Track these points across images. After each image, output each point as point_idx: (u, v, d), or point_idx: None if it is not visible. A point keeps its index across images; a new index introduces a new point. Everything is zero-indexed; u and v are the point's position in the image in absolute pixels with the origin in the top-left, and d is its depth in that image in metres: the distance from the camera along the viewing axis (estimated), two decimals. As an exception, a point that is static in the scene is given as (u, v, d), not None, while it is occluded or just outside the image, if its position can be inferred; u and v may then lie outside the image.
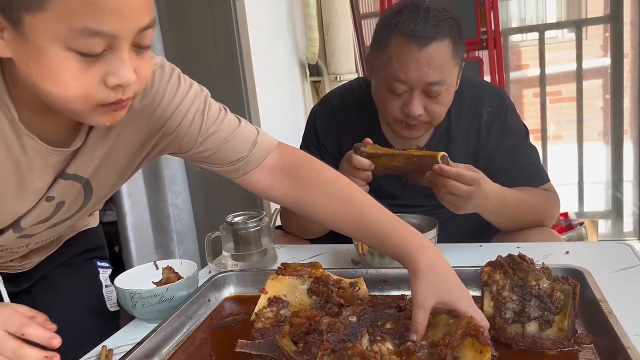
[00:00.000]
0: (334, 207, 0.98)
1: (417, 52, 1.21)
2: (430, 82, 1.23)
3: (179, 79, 0.97)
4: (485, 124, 1.41)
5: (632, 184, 3.33)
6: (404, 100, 1.27)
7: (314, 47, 2.77)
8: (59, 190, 0.95)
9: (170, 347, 0.97)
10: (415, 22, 1.21)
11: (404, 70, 1.23)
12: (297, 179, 1.01)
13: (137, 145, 0.97)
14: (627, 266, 1.11)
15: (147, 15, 0.72)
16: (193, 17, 2.17)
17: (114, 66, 0.71)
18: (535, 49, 3.50)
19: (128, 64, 0.71)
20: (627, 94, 3.27)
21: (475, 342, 0.73)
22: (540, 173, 1.42)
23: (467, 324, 0.75)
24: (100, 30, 0.67)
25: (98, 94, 0.72)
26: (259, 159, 1.02)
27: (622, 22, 3.17)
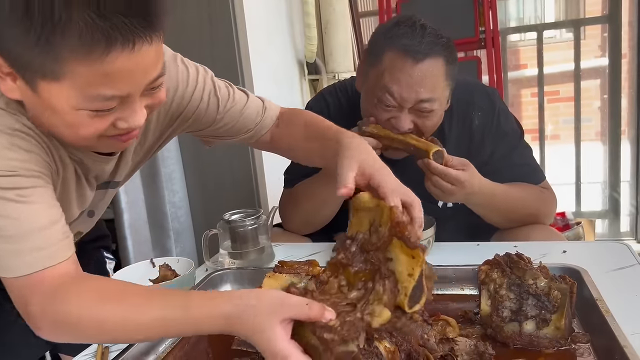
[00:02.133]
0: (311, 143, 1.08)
1: (410, 68, 1.21)
2: (421, 99, 1.22)
3: (185, 66, 1.02)
4: (477, 128, 1.40)
5: (629, 184, 3.33)
6: (392, 113, 1.26)
7: (312, 46, 2.77)
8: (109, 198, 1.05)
9: (166, 345, 0.97)
10: (412, 37, 1.21)
11: (396, 84, 1.22)
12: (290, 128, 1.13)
13: (158, 135, 1.04)
14: (624, 265, 1.12)
15: (157, 68, 0.76)
16: (191, 15, 2.17)
17: (125, 114, 0.76)
18: (533, 49, 3.50)
19: (139, 111, 0.77)
20: (624, 94, 3.27)
21: (404, 246, 0.70)
22: (535, 172, 1.42)
23: (390, 220, 0.71)
24: (114, 95, 0.72)
25: (107, 132, 0.77)
26: (269, 124, 1.14)
27: (620, 23, 3.17)
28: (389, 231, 0.71)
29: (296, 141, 1.12)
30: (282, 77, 2.65)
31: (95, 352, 0.97)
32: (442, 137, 1.39)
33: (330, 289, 0.75)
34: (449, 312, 0.93)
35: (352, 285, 0.74)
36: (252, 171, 2.27)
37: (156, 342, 0.95)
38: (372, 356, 0.72)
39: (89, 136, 0.77)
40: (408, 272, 0.70)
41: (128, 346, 0.90)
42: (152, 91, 0.79)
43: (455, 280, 1.09)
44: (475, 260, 1.01)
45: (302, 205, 1.44)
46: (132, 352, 0.89)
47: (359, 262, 0.74)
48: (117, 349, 0.95)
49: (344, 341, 0.67)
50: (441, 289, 1.09)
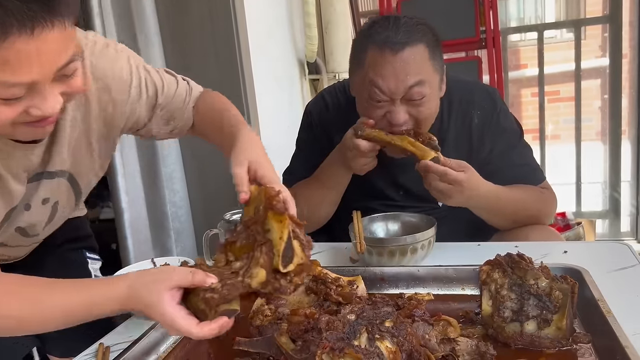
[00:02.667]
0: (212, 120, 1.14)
1: (391, 59, 1.21)
2: (409, 85, 1.22)
3: (116, 51, 1.03)
4: (477, 127, 1.40)
5: (629, 184, 3.34)
6: (386, 108, 1.26)
7: (312, 45, 2.76)
8: (48, 190, 1.01)
9: (167, 344, 0.97)
10: (387, 30, 1.22)
11: (381, 79, 1.22)
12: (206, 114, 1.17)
13: (98, 125, 1.03)
14: (625, 266, 1.11)
15: (64, 54, 0.76)
16: (192, 16, 2.17)
17: (35, 101, 0.76)
18: (534, 49, 3.50)
19: (50, 98, 0.77)
20: (625, 94, 3.27)
21: (275, 214, 0.79)
22: (535, 172, 1.42)
23: (264, 196, 0.81)
24: (18, 82, 0.72)
25: (21, 119, 0.77)
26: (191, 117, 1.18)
27: (620, 23, 3.17)
28: (264, 206, 0.81)
29: (209, 130, 1.16)
30: (282, 76, 2.65)
31: (96, 352, 0.97)
32: (442, 136, 1.39)
33: (218, 262, 0.83)
34: (450, 312, 0.93)
35: (238, 258, 0.82)
36: (252, 171, 2.27)
37: (157, 341, 0.95)
38: (374, 356, 0.72)
39: (1, 123, 0.76)
40: (279, 236, 0.78)
41: (129, 346, 0.90)
42: (65, 78, 0.79)
43: (457, 281, 1.09)
44: (476, 260, 1.00)
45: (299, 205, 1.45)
46: (134, 352, 0.89)
47: (243, 238, 0.83)
48: (118, 349, 0.95)
49: (226, 300, 0.76)
50: (442, 289, 1.09)
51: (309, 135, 1.53)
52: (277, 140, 2.29)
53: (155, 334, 0.95)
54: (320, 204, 1.44)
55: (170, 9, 2.18)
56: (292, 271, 0.79)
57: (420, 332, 0.83)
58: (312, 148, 1.51)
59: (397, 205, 1.41)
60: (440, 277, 1.09)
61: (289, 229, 0.79)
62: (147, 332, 0.94)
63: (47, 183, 1.00)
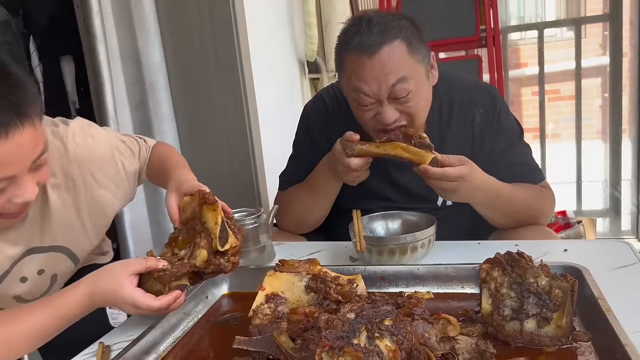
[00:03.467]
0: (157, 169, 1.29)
1: (368, 62, 1.20)
2: (391, 84, 1.21)
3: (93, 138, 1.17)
4: (479, 126, 1.40)
5: (630, 183, 3.33)
6: (375, 110, 1.26)
7: (312, 45, 2.76)
8: (43, 262, 1.13)
9: (167, 343, 0.97)
10: (360, 34, 1.21)
11: (363, 83, 1.22)
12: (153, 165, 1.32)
13: (88, 204, 1.16)
14: (625, 264, 1.11)
15: (36, 148, 0.90)
16: (191, 15, 2.16)
17: (17, 192, 0.90)
18: (534, 47, 3.50)
19: (28, 185, 0.90)
20: (625, 92, 3.27)
21: (208, 206, 0.98)
22: (535, 172, 1.42)
23: (198, 195, 1.00)
24: (1, 178, 0.86)
25: (4, 208, 0.91)
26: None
27: (621, 21, 3.17)
28: (199, 203, 1.00)
29: (155, 176, 1.30)
30: (282, 76, 2.65)
31: (96, 351, 0.97)
32: (442, 136, 1.39)
33: (165, 255, 1.01)
34: (450, 311, 0.93)
35: (181, 249, 0.99)
36: (252, 170, 2.27)
37: (157, 341, 0.95)
38: (373, 355, 0.72)
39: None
40: (214, 222, 0.97)
41: (129, 345, 0.90)
42: (39, 168, 0.93)
43: (456, 279, 1.08)
44: (476, 258, 1.00)
45: (293, 208, 1.46)
46: (133, 351, 0.89)
47: (184, 234, 1.00)
48: (118, 348, 0.95)
49: (176, 277, 0.93)
50: (442, 288, 1.09)
51: (306, 138, 1.53)
52: (277, 139, 2.29)
53: (155, 333, 0.95)
54: (311, 210, 1.45)
55: (170, 8, 2.18)
56: (228, 251, 0.97)
57: (420, 331, 0.83)
58: (307, 151, 1.51)
59: (397, 206, 1.41)
60: (440, 275, 1.09)
61: (222, 215, 0.97)
62: (146, 331, 0.94)
63: (39, 257, 1.11)
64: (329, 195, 1.41)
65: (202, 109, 2.24)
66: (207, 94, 2.21)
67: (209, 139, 2.26)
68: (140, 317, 1.09)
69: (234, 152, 2.25)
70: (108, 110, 2.02)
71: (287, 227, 1.52)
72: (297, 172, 1.50)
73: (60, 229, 1.12)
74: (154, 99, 2.18)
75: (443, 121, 1.40)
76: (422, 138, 1.19)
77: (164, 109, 2.20)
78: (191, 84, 2.23)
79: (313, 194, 1.42)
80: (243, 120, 2.20)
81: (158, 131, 2.20)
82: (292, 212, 1.47)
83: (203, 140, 2.26)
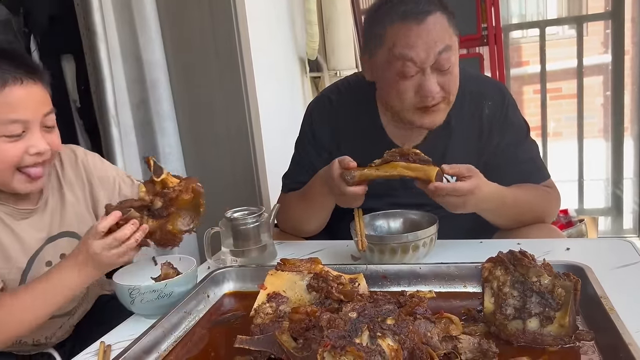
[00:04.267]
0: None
1: (417, 29, 1.22)
2: (439, 51, 1.22)
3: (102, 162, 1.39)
4: (487, 118, 1.40)
5: (632, 181, 3.33)
6: (416, 82, 1.25)
7: (314, 43, 2.75)
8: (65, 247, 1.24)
9: (169, 343, 0.97)
10: (405, 3, 1.23)
11: (411, 49, 1.22)
12: None
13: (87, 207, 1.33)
14: (628, 263, 1.11)
15: (47, 105, 1.14)
16: (192, 12, 2.16)
17: (32, 142, 1.11)
18: (535, 46, 3.49)
19: (41, 138, 1.12)
20: (627, 91, 3.26)
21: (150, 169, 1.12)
22: (540, 170, 1.42)
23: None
24: (17, 119, 1.08)
25: (24, 161, 1.11)
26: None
27: (623, 19, 3.16)
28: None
29: None
30: (283, 74, 2.64)
31: (97, 351, 0.97)
32: (449, 127, 1.39)
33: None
34: (452, 310, 0.93)
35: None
36: (253, 169, 2.26)
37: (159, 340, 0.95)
38: (375, 354, 0.72)
39: (10, 163, 1.09)
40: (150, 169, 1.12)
41: (130, 344, 0.90)
42: (48, 129, 1.14)
43: (459, 278, 1.08)
44: (479, 257, 1.00)
45: (292, 215, 1.46)
46: (134, 351, 0.89)
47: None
48: (119, 347, 0.94)
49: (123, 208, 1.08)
50: (444, 287, 1.08)
51: (308, 138, 1.52)
52: (278, 138, 2.29)
53: (156, 332, 0.95)
54: (308, 220, 1.45)
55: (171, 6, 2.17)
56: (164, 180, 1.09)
57: (422, 330, 0.82)
58: (311, 151, 1.50)
59: (400, 202, 1.40)
60: (442, 274, 1.09)
61: (153, 160, 1.12)
62: (148, 330, 0.94)
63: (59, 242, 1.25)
64: (324, 208, 1.40)
65: (203, 107, 2.24)
66: (208, 92, 2.21)
67: (210, 137, 2.25)
68: (140, 315, 1.09)
69: (234, 150, 2.24)
70: (109, 109, 2.01)
71: (287, 230, 1.52)
72: (299, 174, 1.50)
73: (75, 219, 1.29)
74: (155, 97, 2.17)
75: (452, 112, 1.39)
76: (418, 154, 1.16)
77: (165, 107, 2.19)
78: (192, 82, 2.22)
79: (309, 207, 1.41)
80: (244, 118, 2.19)
81: (159, 129, 2.19)
82: (290, 218, 1.48)
83: (204, 139, 2.26)
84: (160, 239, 1.13)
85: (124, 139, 2.08)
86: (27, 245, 1.20)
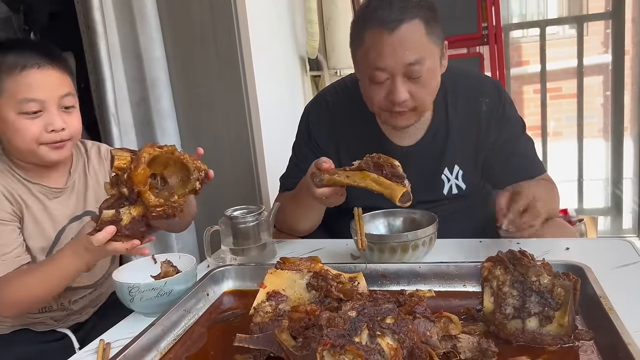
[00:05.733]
0: None
1: (388, 37, 1.21)
2: (408, 62, 1.21)
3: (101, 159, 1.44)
4: (485, 115, 1.40)
5: (631, 181, 3.33)
6: (387, 88, 1.26)
7: (314, 42, 2.75)
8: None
9: (168, 341, 0.97)
10: (382, 8, 1.22)
11: (380, 58, 1.22)
12: None
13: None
14: (627, 262, 1.11)
15: (64, 87, 1.23)
16: (192, 10, 2.16)
17: (49, 120, 1.20)
18: (536, 45, 3.49)
19: (57, 117, 1.20)
20: (627, 91, 3.26)
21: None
22: (537, 164, 1.44)
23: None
24: (34, 98, 1.18)
25: (43, 137, 1.20)
26: None
27: (623, 19, 3.15)
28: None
29: None
30: (283, 73, 2.64)
31: (97, 349, 0.97)
32: (447, 125, 1.39)
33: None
34: (452, 309, 0.93)
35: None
36: (253, 167, 2.26)
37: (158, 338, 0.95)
38: (375, 353, 0.72)
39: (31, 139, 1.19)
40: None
41: (129, 342, 0.90)
42: (66, 110, 1.23)
43: (458, 277, 1.08)
44: (478, 257, 1.00)
45: (286, 213, 1.46)
46: (134, 349, 0.89)
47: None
48: (119, 345, 0.94)
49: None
50: (444, 286, 1.08)
51: (305, 139, 1.53)
52: (278, 136, 2.28)
53: (156, 330, 0.95)
54: (299, 220, 1.46)
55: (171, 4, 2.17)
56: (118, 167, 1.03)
57: (421, 329, 0.82)
58: (308, 152, 1.50)
59: None
60: (441, 273, 1.09)
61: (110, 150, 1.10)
62: (147, 328, 0.94)
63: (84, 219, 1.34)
64: (313, 210, 1.41)
65: (203, 106, 2.24)
66: (208, 90, 2.21)
67: (210, 135, 2.25)
68: (140, 313, 1.09)
69: (235, 149, 2.24)
70: (109, 107, 2.01)
71: (283, 230, 1.53)
72: (296, 175, 1.50)
73: (95, 201, 1.36)
74: (155, 95, 2.17)
75: (449, 109, 1.40)
76: (394, 167, 1.13)
77: (165, 106, 2.19)
78: (192, 80, 2.22)
79: (298, 207, 1.42)
80: (244, 117, 2.19)
81: (159, 128, 2.19)
82: (284, 218, 1.48)
83: (204, 137, 2.26)
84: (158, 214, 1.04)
85: (124, 137, 2.08)
86: (56, 221, 1.30)
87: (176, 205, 1.06)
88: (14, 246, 1.21)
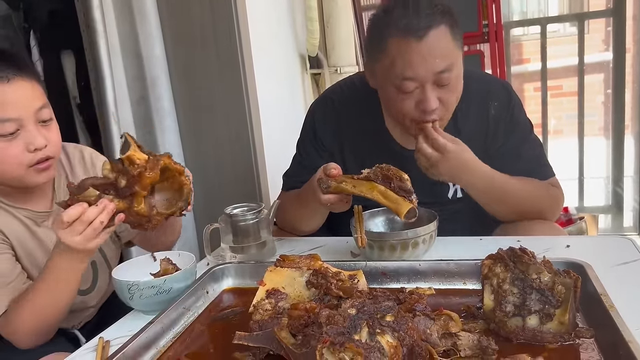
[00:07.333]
0: None
1: (417, 46, 1.18)
2: (439, 71, 1.20)
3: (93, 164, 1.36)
4: (493, 118, 1.39)
5: (632, 179, 3.33)
6: (416, 97, 1.23)
7: (314, 39, 2.75)
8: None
9: (167, 338, 0.97)
10: (406, 17, 1.19)
11: (410, 68, 1.20)
12: None
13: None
14: (628, 260, 1.11)
15: (38, 99, 1.12)
16: (192, 9, 2.15)
17: (29, 139, 1.10)
18: (536, 43, 3.48)
19: (37, 134, 1.10)
20: (628, 88, 3.26)
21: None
22: (544, 167, 1.42)
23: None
24: (9, 118, 1.07)
25: (26, 158, 1.10)
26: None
27: (624, 16, 3.15)
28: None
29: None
30: (283, 70, 2.64)
31: (96, 346, 0.97)
32: (457, 129, 1.38)
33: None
34: (452, 307, 0.92)
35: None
36: (253, 166, 2.26)
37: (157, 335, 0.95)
38: (374, 351, 0.72)
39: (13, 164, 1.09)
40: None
41: (129, 340, 0.90)
42: (44, 124, 1.13)
43: (458, 275, 1.08)
44: (478, 254, 1.00)
45: (288, 214, 1.46)
46: (133, 346, 0.89)
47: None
48: (118, 343, 0.94)
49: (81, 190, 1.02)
50: (444, 284, 1.08)
51: (310, 138, 1.52)
52: (278, 134, 2.28)
53: (155, 328, 0.95)
54: (304, 221, 1.45)
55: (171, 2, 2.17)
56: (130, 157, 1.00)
57: (421, 327, 0.82)
58: (312, 151, 1.50)
59: None
60: (441, 271, 1.09)
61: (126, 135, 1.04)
62: (147, 326, 0.94)
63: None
64: (317, 213, 1.40)
65: (203, 104, 2.23)
66: (208, 88, 2.20)
67: (210, 134, 2.25)
68: (139, 311, 1.09)
69: (234, 147, 2.24)
70: (109, 105, 2.01)
71: (285, 228, 1.52)
72: (300, 173, 1.49)
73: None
74: (155, 94, 2.17)
75: (458, 113, 1.39)
76: (403, 181, 1.12)
77: (165, 104, 2.19)
78: (192, 79, 2.22)
79: (303, 207, 1.40)
80: (244, 115, 2.19)
81: (159, 126, 2.19)
82: (287, 217, 1.48)
83: (204, 136, 2.25)
84: (131, 220, 1.05)
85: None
86: (47, 247, 1.22)
87: (153, 220, 1.05)
88: (16, 273, 1.15)
